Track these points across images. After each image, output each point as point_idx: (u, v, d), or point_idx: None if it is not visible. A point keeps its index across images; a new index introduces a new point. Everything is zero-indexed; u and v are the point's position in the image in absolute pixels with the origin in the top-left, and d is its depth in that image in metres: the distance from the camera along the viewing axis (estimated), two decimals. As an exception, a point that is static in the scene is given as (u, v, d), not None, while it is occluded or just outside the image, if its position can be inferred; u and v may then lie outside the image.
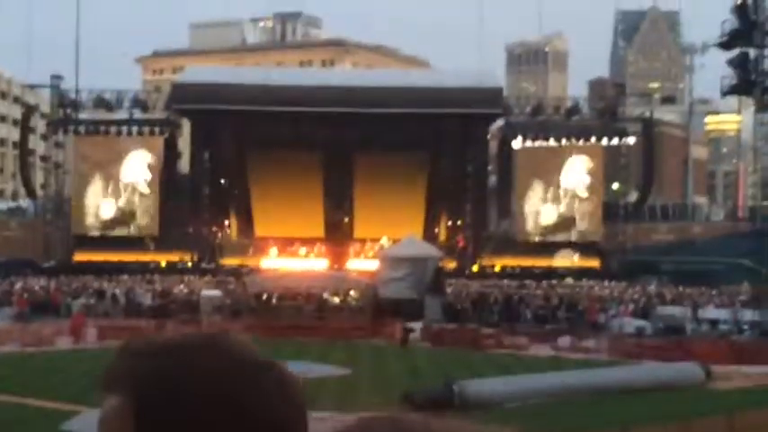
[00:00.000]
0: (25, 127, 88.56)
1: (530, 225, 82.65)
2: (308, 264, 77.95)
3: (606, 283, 73.56)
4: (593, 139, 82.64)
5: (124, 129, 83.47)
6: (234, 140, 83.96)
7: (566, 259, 79.97)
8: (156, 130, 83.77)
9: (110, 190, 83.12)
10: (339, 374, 35.28)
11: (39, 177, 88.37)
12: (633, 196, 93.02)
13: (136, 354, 1.54)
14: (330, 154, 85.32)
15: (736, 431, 22.74)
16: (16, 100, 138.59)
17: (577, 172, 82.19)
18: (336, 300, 58.31)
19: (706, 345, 43.73)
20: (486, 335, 48.98)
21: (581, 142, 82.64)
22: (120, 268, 75.35)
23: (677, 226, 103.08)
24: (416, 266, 57.08)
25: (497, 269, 79.67)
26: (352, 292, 59.18)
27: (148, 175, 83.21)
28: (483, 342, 47.17)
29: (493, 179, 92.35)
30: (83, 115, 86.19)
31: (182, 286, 66.03)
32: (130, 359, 1.53)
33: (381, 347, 46.13)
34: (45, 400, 28.63)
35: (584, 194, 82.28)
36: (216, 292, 60.23)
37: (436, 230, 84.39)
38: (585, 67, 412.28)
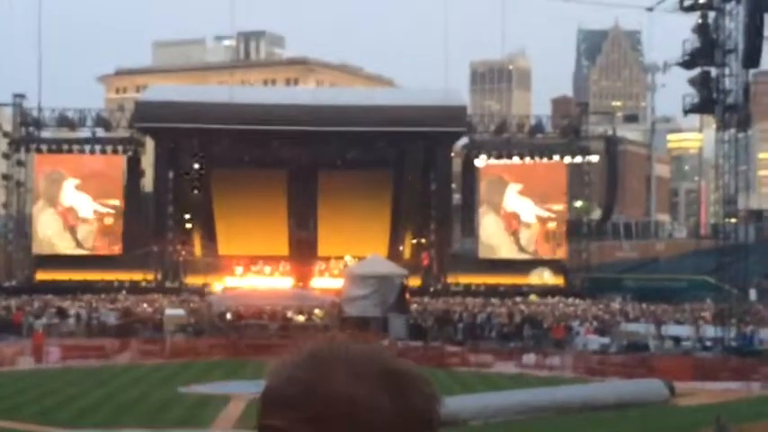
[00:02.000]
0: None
1: (493, 243, 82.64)
2: (273, 282, 77.70)
3: (570, 300, 73.80)
4: (556, 157, 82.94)
5: (87, 147, 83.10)
6: (198, 159, 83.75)
7: (540, 277, 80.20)
8: (120, 148, 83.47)
9: (72, 209, 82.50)
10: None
11: (0, 196, 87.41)
12: (596, 214, 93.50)
13: (288, 360, 1.76)
14: (294, 172, 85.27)
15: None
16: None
17: (540, 190, 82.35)
18: (301, 318, 58.16)
19: (669, 361, 43.94)
20: (450, 353, 48.99)
21: (544, 160, 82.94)
22: (83, 287, 74.68)
23: (640, 243, 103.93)
24: (381, 284, 57.09)
25: (462, 287, 79.60)
26: (316, 311, 59.06)
27: (112, 194, 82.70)
28: (448, 360, 47.15)
29: (457, 197, 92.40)
30: (45, 134, 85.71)
31: (145, 305, 65.67)
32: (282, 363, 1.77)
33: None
34: (6, 421, 28.33)
35: (547, 213, 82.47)
36: (179, 311, 59.89)
37: (401, 248, 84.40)
38: (549, 85, 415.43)
